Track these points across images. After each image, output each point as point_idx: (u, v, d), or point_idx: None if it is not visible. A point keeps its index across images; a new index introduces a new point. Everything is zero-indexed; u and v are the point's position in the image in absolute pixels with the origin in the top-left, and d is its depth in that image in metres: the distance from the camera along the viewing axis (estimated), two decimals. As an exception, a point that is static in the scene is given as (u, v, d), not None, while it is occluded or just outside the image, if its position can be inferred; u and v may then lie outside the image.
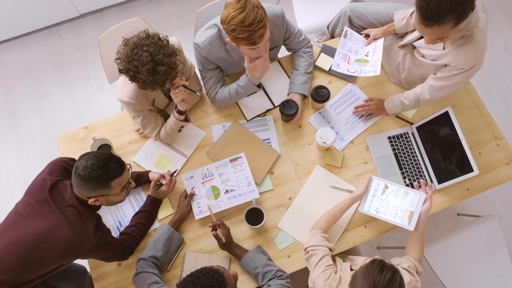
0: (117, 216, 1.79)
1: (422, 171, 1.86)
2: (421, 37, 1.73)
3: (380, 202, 1.67)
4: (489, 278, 2.00)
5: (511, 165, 1.91)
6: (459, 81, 1.65)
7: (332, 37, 2.33)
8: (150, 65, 1.45)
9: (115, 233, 1.76)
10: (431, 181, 1.84)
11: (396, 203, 1.67)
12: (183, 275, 1.69)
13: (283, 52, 2.25)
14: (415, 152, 1.90)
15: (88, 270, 2.07)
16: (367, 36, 1.98)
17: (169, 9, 3.21)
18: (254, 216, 1.72)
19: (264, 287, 1.56)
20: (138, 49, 1.47)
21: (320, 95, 1.88)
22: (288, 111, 1.85)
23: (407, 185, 1.84)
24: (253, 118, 1.95)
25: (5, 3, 2.69)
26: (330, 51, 2.06)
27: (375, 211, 1.67)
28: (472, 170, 1.66)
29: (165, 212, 1.79)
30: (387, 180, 1.71)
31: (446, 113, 1.75)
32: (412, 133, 1.93)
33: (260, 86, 1.88)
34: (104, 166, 1.35)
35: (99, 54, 2.13)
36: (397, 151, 1.90)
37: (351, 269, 1.48)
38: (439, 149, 1.81)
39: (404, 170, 1.86)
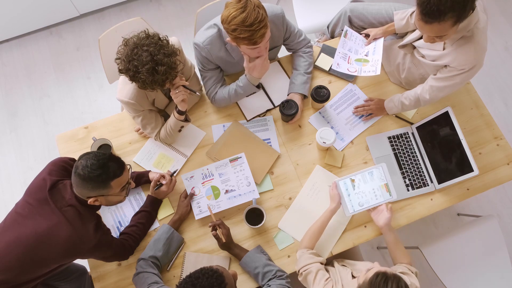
0: (117, 216, 1.79)
1: (422, 171, 1.86)
2: (421, 37, 1.73)
3: (357, 196, 1.68)
4: (489, 278, 2.00)
5: (511, 165, 1.91)
6: (459, 82, 1.65)
7: (332, 37, 2.33)
8: (150, 65, 1.45)
9: (115, 233, 1.76)
10: (431, 181, 1.84)
11: (369, 187, 1.69)
12: (183, 275, 1.69)
13: (283, 52, 2.25)
14: (415, 152, 1.89)
15: (88, 270, 2.07)
16: (367, 36, 1.98)
17: (169, 9, 3.21)
18: (254, 216, 1.72)
19: (264, 287, 1.56)
20: (138, 49, 1.47)
21: (320, 95, 1.88)
22: (288, 111, 1.85)
23: (407, 185, 1.84)
24: (253, 118, 1.95)
25: (5, 3, 2.69)
26: (330, 51, 2.06)
27: (359, 206, 1.67)
28: (472, 170, 1.66)
29: (165, 212, 1.79)
30: (349, 175, 1.71)
31: (446, 113, 1.75)
32: (412, 133, 1.93)
33: (259, 86, 1.88)
34: (104, 166, 1.35)
35: (99, 54, 2.13)
36: (397, 151, 1.90)
37: (353, 276, 1.48)
38: (439, 149, 1.81)
39: (404, 170, 1.86)
